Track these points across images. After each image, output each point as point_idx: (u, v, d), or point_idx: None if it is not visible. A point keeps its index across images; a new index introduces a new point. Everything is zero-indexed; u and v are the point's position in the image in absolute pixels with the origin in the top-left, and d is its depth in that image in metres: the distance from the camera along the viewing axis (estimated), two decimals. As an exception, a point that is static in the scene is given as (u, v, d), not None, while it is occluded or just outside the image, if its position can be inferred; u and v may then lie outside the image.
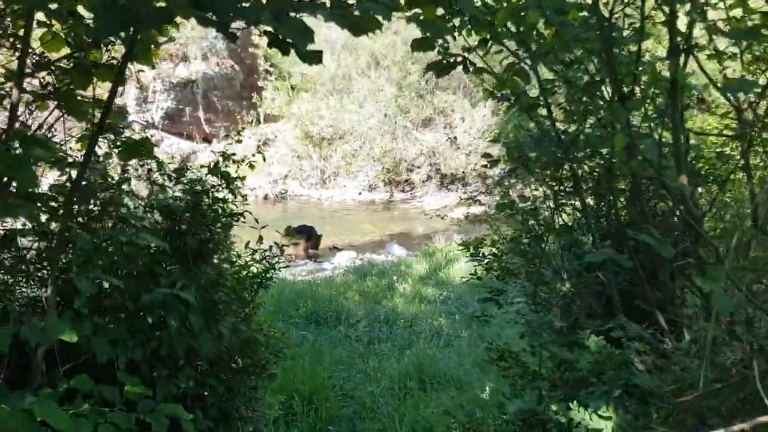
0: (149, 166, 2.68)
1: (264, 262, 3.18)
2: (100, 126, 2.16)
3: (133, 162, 2.75)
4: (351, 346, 6.83)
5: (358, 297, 8.65)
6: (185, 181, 2.71)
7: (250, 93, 20.98)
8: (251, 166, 3.26)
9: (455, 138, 18.32)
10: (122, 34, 2.93)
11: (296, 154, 20.45)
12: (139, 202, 2.53)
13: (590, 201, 3.46)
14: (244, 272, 3.00)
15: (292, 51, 2.23)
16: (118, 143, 2.62)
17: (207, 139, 21.01)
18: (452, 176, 20.01)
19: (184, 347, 2.22)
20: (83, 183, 2.13)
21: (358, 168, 20.08)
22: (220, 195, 2.84)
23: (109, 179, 2.46)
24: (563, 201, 3.17)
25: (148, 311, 2.15)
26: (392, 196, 19.99)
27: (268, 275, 3.14)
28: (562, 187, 3.13)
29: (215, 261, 2.72)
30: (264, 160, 3.40)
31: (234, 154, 3.12)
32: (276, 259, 3.23)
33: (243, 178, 2.95)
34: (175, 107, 19.81)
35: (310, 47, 1.65)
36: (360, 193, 19.93)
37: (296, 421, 4.90)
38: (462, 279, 9.41)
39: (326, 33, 20.09)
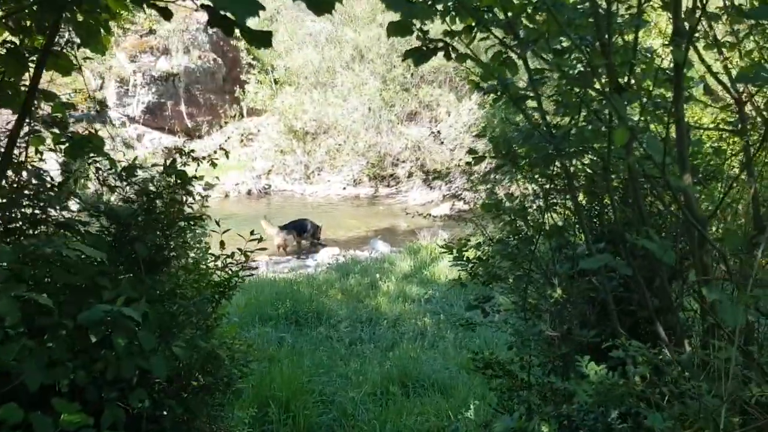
0: (98, 165, 2.42)
1: (227, 269, 2.92)
2: (23, 115, 1.89)
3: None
4: (332, 347, 6.59)
5: (341, 296, 8.42)
6: (138, 182, 2.45)
7: (233, 87, 20.64)
8: (213, 164, 3.02)
9: (439, 132, 18.09)
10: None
11: (280, 149, 20.15)
12: (84, 205, 2.27)
13: (582, 200, 3.25)
14: (205, 281, 2.74)
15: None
16: (63, 140, 2.35)
17: (189, 134, 20.65)
18: (437, 172, 19.78)
19: (133, 369, 1.98)
20: (14, 185, 1.86)
21: (342, 163, 19.81)
22: (179, 196, 2.58)
23: (49, 181, 2.20)
24: (554, 200, 2.94)
25: (91, 329, 1.90)
26: (377, 191, 19.76)
27: (231, 284, 2.88)
28: (552, 185, 2.91)
29: (171, 270, 2.47)
30: (227, 157, 3.12)
31: (193, 151, 2.85)
32: (239, 267, 2.98)
33: (200, 178, 2.69)
34: (156, 101, 19.44)
35: (260, 28, 1.40)
36: (344, 188, 19.68)
37: (272, 431, 4.66)
38: (447, 278, 9.22)
39: (310, 26, 19.83)
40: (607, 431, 2.09)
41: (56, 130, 2.32)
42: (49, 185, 2.17)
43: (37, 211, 2.12)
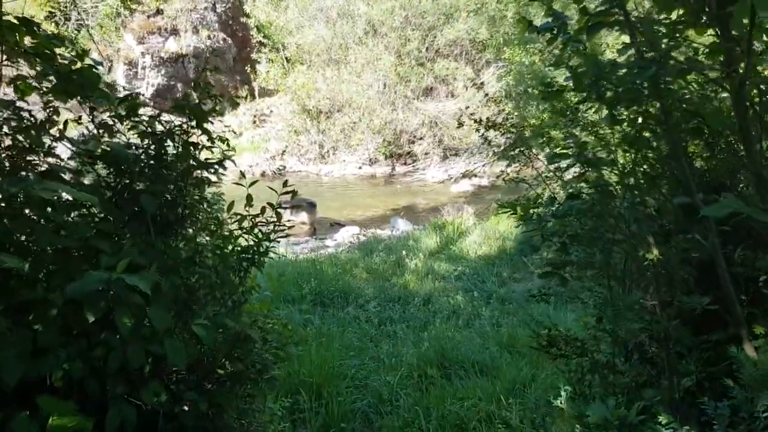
0: (93, 104, 1.97)
1: (256, 231, 2.46)
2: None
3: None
4: (361, 328, 6.15)
5: (366, 275, 7.97)
6: (143, 121, 2.00)
7: (244, 67, 20.12)
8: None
9: (467, 108, 17.50)
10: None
11: (293, 129, 19.66)
12: (76, 149, 1.82)
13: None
14: (230, 246, 2.28)
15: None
16: (50, 76, 1.88)
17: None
18: (455, 148, 19.24)
19: (143, 356, 1.54)
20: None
21: (357, 141, 19.29)
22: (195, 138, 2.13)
23: (27, 118, 1.74)
24: (648, 144, 2.43)
25: (87, 306, 1.45)
26: (394, 169, 19.25)
27: (262, 249, 2.42)
28: (647, 126, 2.40)
29: (188, 232, 2.02)
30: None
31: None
32: (272, 228, 2.52)
33: (221, 113, 2.22)
34: (166, 83, 18.98)
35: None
36: (360, 167, 19.19)
37: (304, 420, 4.23)
38: (476, 253, 8.75)
39: (320, 1, 19.23)
40: None
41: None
42: (27, 123, 1.71)
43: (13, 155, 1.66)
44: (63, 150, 1.94)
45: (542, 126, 3.67)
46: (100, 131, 1.94)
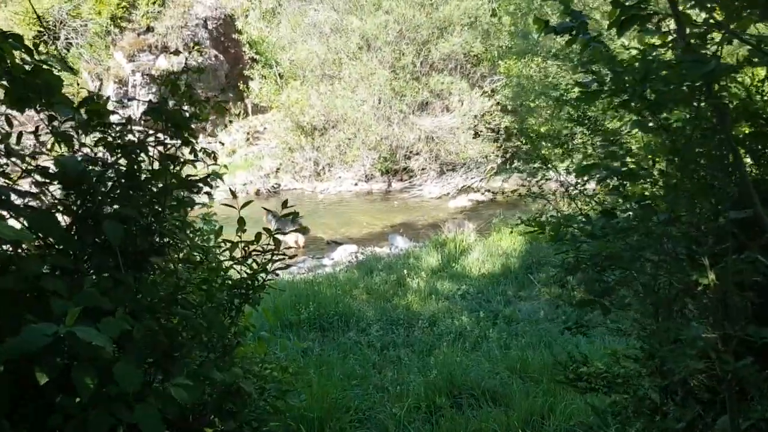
0: (53, 113, 1.66)
1: (250, 262, 2.13)
2: None
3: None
4: (363, 354, 5.81)
5: (366, 295, 7.64)
6: (111, 131, 1.70)
7: (236, 84, 19.88)
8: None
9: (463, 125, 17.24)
10: None
11: (287, 146, 19.38)
12: (25, 165, 1.50)
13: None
14: (219, 280, 1.95)
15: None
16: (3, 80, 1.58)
17: (193, 135, 19.89)
18: (452, 163, 18.99)
19: (107, 424, 1.22)
20: None
21: (353, 158, 19.03)
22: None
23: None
24: (697, 153, 2.13)
25: (39, 364, 1.14)
26: (390, 185, 18.98)
27: (257, 283, 2.09)
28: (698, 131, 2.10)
29: (167, 264, 1.71)
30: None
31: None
32: (270, 257, 2.20)
33: (205, 119, 1.91)
34: (157, 101, 18.66)
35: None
36: (356, 184, 18.91)
37: (304, 460, 3.89)
38: (479, 271, 8.44)
39: (313, 15, 19.06)
40: None
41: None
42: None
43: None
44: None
45: (562, 136, 3.37)
46: (55, 143, 1.63)
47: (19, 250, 1.35)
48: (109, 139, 1.77)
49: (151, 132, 1.81)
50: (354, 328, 6.40)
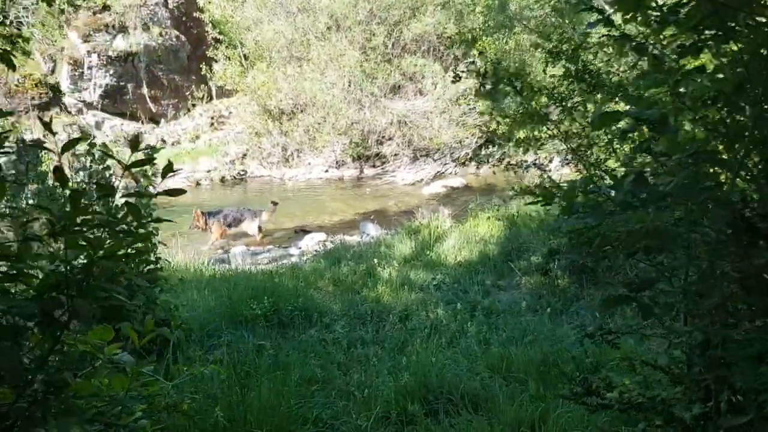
0: None
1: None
2: None
3: None
4: (327, 353, 5.17)
5: (332, 287, 6.99)
6: None
7: (199, 65, 18.94)
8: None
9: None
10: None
11: (254, 131, 18.54)
12: None
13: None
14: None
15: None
16: None
17: (154, 119, 19.00)
18: (426, 148, 18.36)
19: None
20: None
21: (323, 143, 18.26)
22: None
23: None
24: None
25: None
26: (362, 172, 18.28)
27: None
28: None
29: None
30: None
31: None
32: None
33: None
34: (115, 84, 17.74)
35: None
36: (327, 171, 18.18)
37: (250, 486, 3.24)
38: (456, 259, 7.84)
39: (280, -6, 18.20)
40: None
41: None
42: None
43: None
44: None
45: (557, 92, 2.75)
46: None
47: None
48: None
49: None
50: (317, 324, 5.74)
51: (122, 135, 17.67)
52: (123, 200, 2.79)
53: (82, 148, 4.61)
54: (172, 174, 1.91)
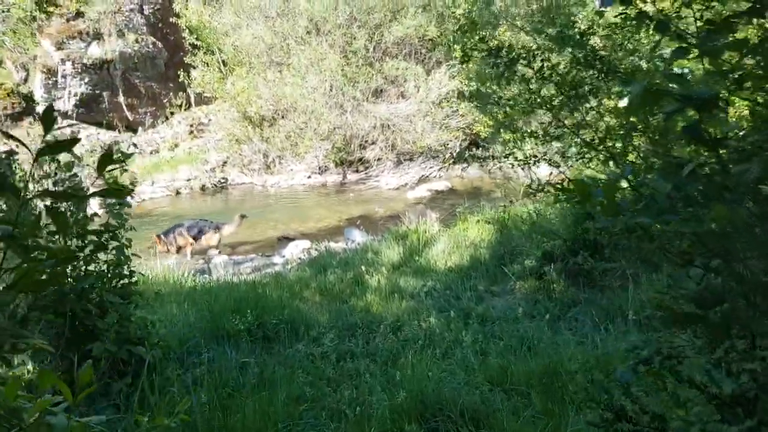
0: None
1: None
2: None
3: None
4: (315, 368, 4.87)
5: (319, 297, 6.69)
6: None
7: (177, 72, 18.54)
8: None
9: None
10: None
11: (234, 138, 18.18)
12: None
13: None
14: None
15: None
16: None
17: (131, 128, 18.56)
18: (409, 152, 18.13)
19: None
20: None
21: (305, 149, 17.95)
22: None
23: None
24: None
25: None
26: (345, 177, 18.00)
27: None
28: None
29: None
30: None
31: None
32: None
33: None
34: (90, 92, 17.28)
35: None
36: (309, 177, 17.87)
37: None
38: (446, 264, 7.57)
39: (257, -2, 17.90)
40: None
41: None
42: None
43: None
44: None
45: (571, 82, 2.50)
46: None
47: None
48: None
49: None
50: (304, 337, 5.43)
51: (99, 144, 17.21)
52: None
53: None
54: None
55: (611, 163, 2.15)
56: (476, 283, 6.86)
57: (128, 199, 14.51)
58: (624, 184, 1.54)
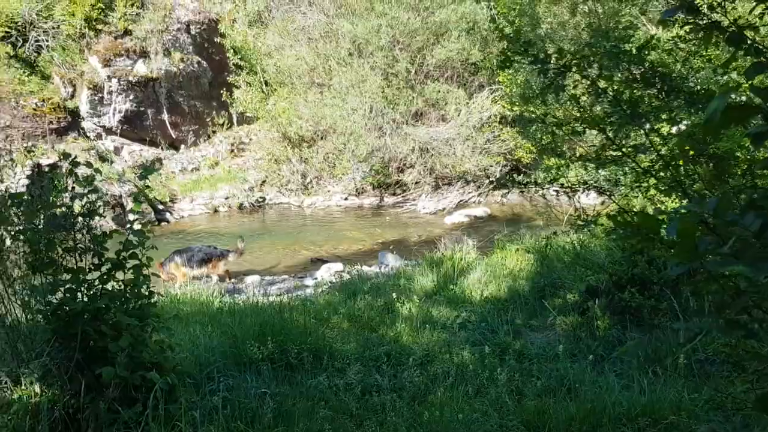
0: None
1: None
2: None
3: None
4: (338, 401, 4.59)
5: (347, 324, 6.41)
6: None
7: (220, 92, 18.73)
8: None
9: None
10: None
11: (273, 158, 18.24)
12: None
13: None
14: None
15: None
16: None
17: (174, 145, 18.77)
18: (448, 176, 17.85)
19: None
20: None
21: (342, 170, 17.89)
22: None
23: None
24: None
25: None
26: (382, 200, 17.82)
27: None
28: None
29: None
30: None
31: None
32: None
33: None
34: (135, 109, 17.54)
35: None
36: (346, 198, 17.75)
37: None
38: (482, 294, 7.23)
39: (301, 20, 18.03)
40: None
41: None
42: None
43: None
44: None
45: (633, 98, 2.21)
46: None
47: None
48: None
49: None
50: (328, 367, 5.15)
51: (141, 161, 17.43)
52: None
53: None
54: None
55: (677, 193, 1.85)
56: (514, 316, 6.49)
57: (166, 215, 14.52)
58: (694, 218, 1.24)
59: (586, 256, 7.15)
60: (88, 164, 3.62)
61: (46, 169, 14.55)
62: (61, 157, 3.67)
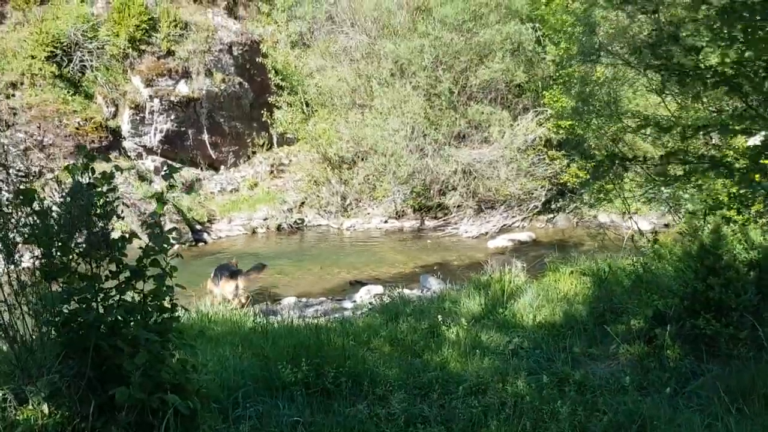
0: None
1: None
2: None
3: None
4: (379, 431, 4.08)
5: (389, 348, 5.92)
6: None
7: (261, 112, 18.65)
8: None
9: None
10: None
11: (313, 179, 17.98)
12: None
13: None
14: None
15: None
16: None
17: (214, 166, 18.71)
18: (491, 200, 17.29)
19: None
20: None
21: (383, 193, 17.49)
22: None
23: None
24: None
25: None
26: (423, 223, 17.35)
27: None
28: None
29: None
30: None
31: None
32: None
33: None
34: (176, 129, 17.55)
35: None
36: (386, 221, 17.33)
37: None
38: (535, 319, 6.66)
39: (343, 40, 17.89)
40: None
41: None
42: None
43: None
44: None
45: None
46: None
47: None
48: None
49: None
50: (369, 394, 4.65)
51: (181, 181, 17.36)
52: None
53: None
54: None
55: None
56: (571, 344, 5.89)
57: (203, 235, 13.90)
58: None
59: (650, 279, 6.52)
60: (107, 159, 3.25)
61: (86, 186, 14.56)
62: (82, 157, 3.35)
